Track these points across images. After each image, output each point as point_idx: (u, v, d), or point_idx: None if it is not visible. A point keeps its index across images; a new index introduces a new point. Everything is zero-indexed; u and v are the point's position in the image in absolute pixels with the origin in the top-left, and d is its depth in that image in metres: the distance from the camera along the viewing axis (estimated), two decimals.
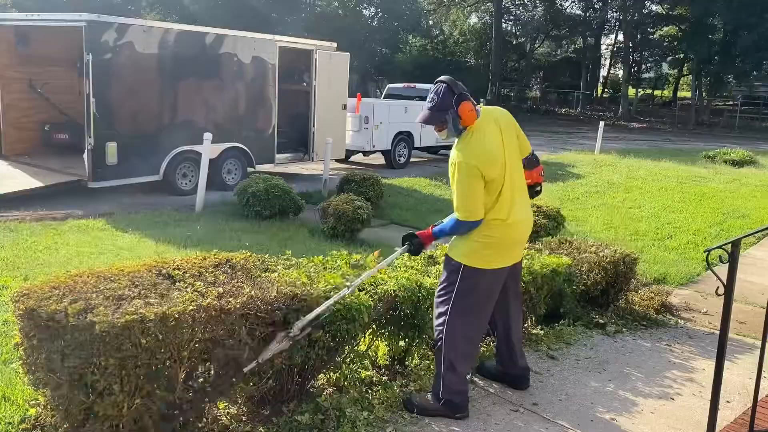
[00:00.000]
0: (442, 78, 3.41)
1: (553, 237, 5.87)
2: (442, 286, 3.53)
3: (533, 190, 3.73)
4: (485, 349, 4.32)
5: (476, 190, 3.29)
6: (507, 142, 3.44)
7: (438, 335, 3.50)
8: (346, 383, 3.70)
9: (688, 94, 46.91)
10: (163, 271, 3.23)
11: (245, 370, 3.02)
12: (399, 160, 14.91)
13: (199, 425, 3.10)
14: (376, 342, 4.00)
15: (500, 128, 3.43)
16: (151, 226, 7.72)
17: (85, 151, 9.05)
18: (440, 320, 3.49)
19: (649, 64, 49.41)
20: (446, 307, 3.46)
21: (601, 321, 5.09)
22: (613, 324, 5.09)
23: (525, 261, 4.50)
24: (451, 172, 3.35)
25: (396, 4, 34.75)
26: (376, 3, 35.71)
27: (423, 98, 16.24)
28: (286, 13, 30.92)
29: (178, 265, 3.32)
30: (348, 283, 3.39)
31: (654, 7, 40.28)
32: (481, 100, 19.60)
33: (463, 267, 3.42)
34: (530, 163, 3.68)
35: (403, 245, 3.62)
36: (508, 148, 3.43)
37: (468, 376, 3.65)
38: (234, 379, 3.04)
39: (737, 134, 32.45)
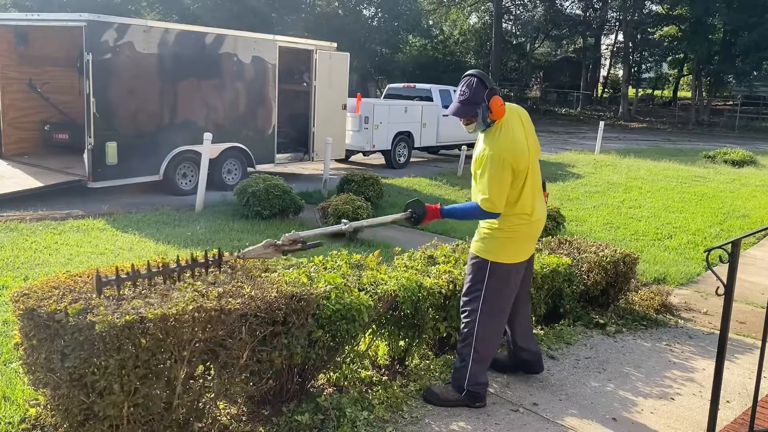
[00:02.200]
0: (473, 72, 3.49)
1: (553, 237, 5.86)
2: (469, 282, 3.63)
3: None
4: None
5: (504, 182, 3.37)
6: (530, 139, 3.53)
7: (467, 330, 3.60)
8: (346, 383, 3.70)
9: (688, 94, 46.90)
10: None
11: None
12: (399, 160, 14.92)
13: (199, 425, 3.10)
14: (376, 342, 4.01)
15: (524, 125, 3.54)
16: (151, 226, 7.72)
17: (85, 151, 9.05)
18: (471, 316, 3.59)
19: (649, 64, 49.41)
20: (476, 303, 3.57)
21: (601, 321, 5.09)
22: (613, 324, 5.09)
23: None
24: (480, 165, 3.41)
25: (396, 4, 34.74)
26: (376, 3, 35.69)
27: (423, 98, 16.45)
28: (286, 13, 30.92)
29: None
30: (344, 221, 3.60)
31: (654, 7, 40.29)
32: None
33: (490, 263, 3.53)
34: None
35: (405, 211, 3.71)
36: (530, 145, 3.52)
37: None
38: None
39: (737, 134, 32.46)
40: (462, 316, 3.67)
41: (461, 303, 3.69)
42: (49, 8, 23.27)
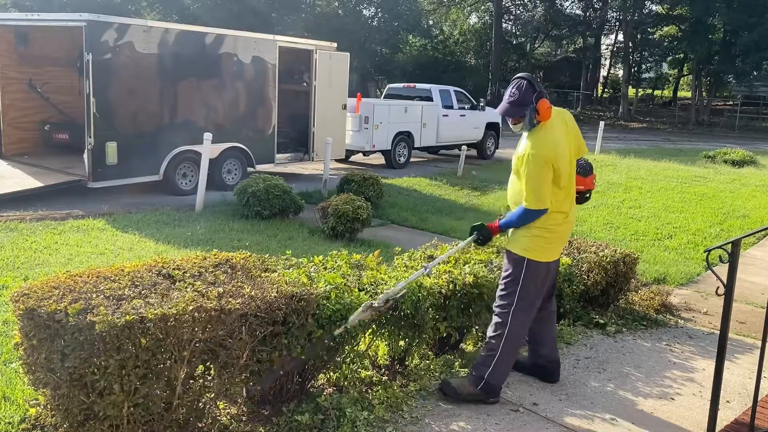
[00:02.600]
0: (523, 75, 3.62)
1: None
2: (506, 279, 3.73)
3: (583, 197, 3.99)
4: None
5: (547, 180, 3.51)
6: (571, 143, 3.68)
7: (501, 322, 3.70)
8: (346, 383, 3.70)
9: (688, 94, 46.90)
10: (163, 271, 3.23)
11: (336, 332, 3.27)
12: (399, 160, 14.92)
13: (199, 425, 3.10)
14: (376, 342, 4.00)
15: (567, 128, 3.69)
16: (151, 226, 7.72)
17: (85, 151, 9.05)
18: (504, 311, 3.69)
19: (649, 64, 49.40)
20: (512, 298, 3.67)
21: (601, 321, 5.09)
22: (613, 324, 5.09)
23: None
24: (523, 163, 3.54)
25: (396, 4, 34.74)
26: (376, 3, 35.70)
27: (423, 98, 16.44)
28: (286, 13, 30.93)
29: (178, 265, 3.32)
30: (425, 264, 3.70)
31: (654, 7, 40.28)
32: (482, 99, 19.57)
33: (527, 261, 3.64)
34: (584, 170, 3.95)
35: (471, 235, 3.85)
36: (571, 148, 3.67)
37: None
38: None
39: (737, 134, 32.47)
40: (496, 310, 3.76)
41: (497, 297, 3.78)
42: (49, 8, 23.28)
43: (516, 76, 3.63)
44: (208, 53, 10.32)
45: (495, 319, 3.76)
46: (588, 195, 4.03)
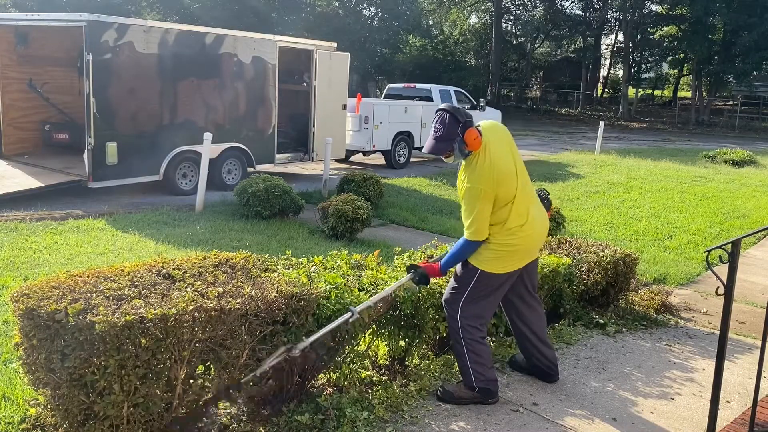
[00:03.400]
0: (444, 106, 3.51)
1: (553, 237, 5.86)
2: (454, 285, 3.65)
3: None
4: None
5: (484, 212, 3.42)
6: (516, 156, 3.58)
7: (454, 332, 3.64)
8: (346, 383, 3.70)
9: (688, 94, 46.89)
10: (163, 271, 3.23)
11: (243, 380, 3.06)
12: (399, 160, 14.92)
13: (199, 425, 3.10)
14: (376, 342, 4.01)
15: (507, 145, 3.56)
16: (151, 226, 7.72)
17: (85, 151, 9.05)
18: (452, 321, 3.64)
19: (649, 64, 49.39)
20: (458, 305, 3.60)
21: (601, 321, 5.09)
22: (613, 324, 5.09)
23: None
24: (461, 196, 3.50)
25: (396, 4, 34.74)
26: (376, 3, 35.69)
27: (423, 98, 16.45)
28: (286, 13, 30.92)
29: (178, 265, 3.32)
30: (351, 308, 3.37)
31: (654, 7, 40.27)
32: (482, 99, 19.59)
33: (480, 272, 3.56)
34: (544, 205, 3.87)
35: (408, 273, 3.71)
36: (517, 161, 3.57)
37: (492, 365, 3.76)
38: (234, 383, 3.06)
39: (737, 134, 32.47)
40: (447, 315, 3.69)
41: (444, 295, 3.71)
42: (49, 8, 23.27)
43: (438, 109, 3.51)
44: (208, 53, 10.33)
45: (449, 326, 3.69)
46: None
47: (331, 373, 3.67)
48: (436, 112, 3.50)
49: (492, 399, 3.69)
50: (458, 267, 3.66)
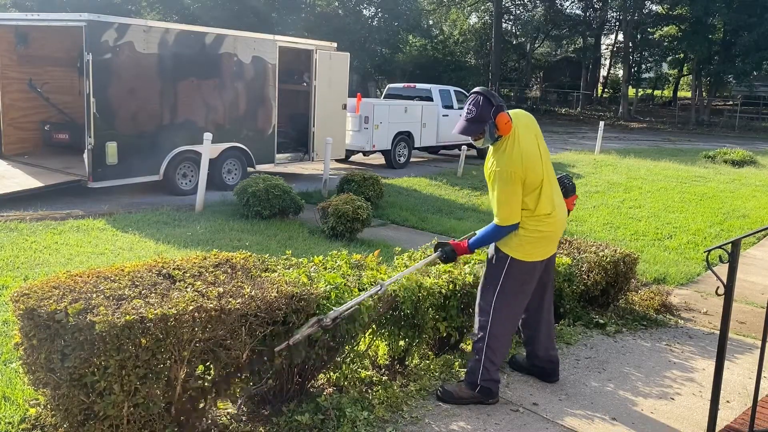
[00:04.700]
0: (479, 89, 3.55)
1: None
2: (487, 276, 3.68)
3: None
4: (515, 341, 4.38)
5: (515, 196, 3.46)
6: (541, 144, 3.62)
7: (481, 325, 3.66)
8: (346, 383, 3.70)
9: (688, 94, 46.88)
10: (163, 271, 3.23)
11: (276, 350, 3.11)
12: (399, 160, 14.92)
13: (199, 425, 3.10)
14: (376, 342, 4.01)
15: (533, 132, 3.61)
16: (151, 226, 7.72)
17: (85, 151, 9.05)
18: (484, 311, 3.65)
19: (649, 64, 49.36)
20: (491, 298, 3.63)
21: (601, 321, 5.09)
22: (613, 324, 5.09)
23: None
24: (490, 180, 3.53)
25: (396, 4, 34.74)
26: (376, 3, 35.69)
27: (423, 98, 16.44)
28: (286, 13, 30.91)
29: (178, 265, 3.32)
30: (380, 281, 3.51)
31: (654, 7, 40.27)
32: None
33: (510, 259, 3.59)
34: (566, 190, 3.90)
35: (435, 252, 3.77)
36: (542, 150, 3.61)
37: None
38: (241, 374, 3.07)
39: (737, 134, 32.47)
40: (477, 310, 3.72)
41: (477, 294, 3.74)
42: (49, 8, 23.27)
43: (472, 92, 3.56)
44: (208, 53, 10.32)
45: (476, 321, 3.72)
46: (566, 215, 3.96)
47: (331, 373, 3.67)
48: (470, 95, 3.55)
49: (492, 399, 3.70)
50: (487, 259, 3.71)
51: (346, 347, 3.57)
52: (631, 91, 45.37)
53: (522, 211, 3.52)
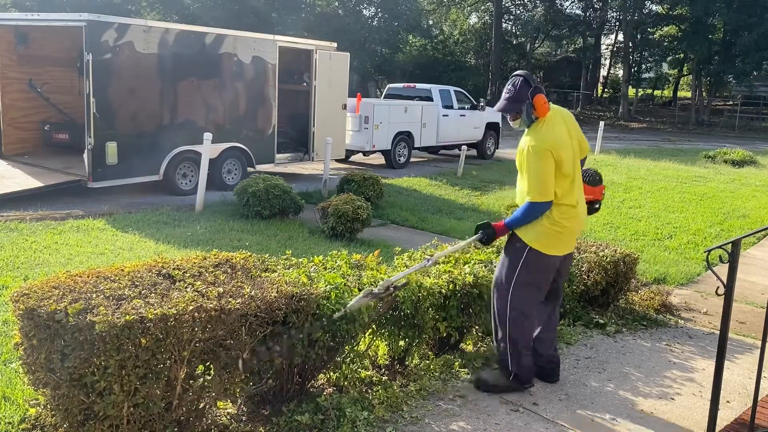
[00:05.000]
0: (519, 72, 3.72)
1: None
2: (504, 266, 3.76)
3: (592, 207, 4.05)
4: None
5: (548, 172, 3.55)
6: (573, 140, 3.73)
7: (499, 314, 3.75)
8: (346, 383, 3.70)
9: (688, 94, 46.88)
10: (163, 271, 3.23)
11: (335, 316, 3.25)
12: (399, 160, 14.92)
13: (199, 425, 3.10)
14: (376, 342, 4.01)
15: (567, 126, 3.73)
16: (151, 226, 7.72)
17: (85, 151, 9.05)
18: (502, 301, 3.74)
19: (649, 64, 49.35)
20: (509, 288, 3.71)
21: (601, 321, 5.09)
22: (613, 324, 5.09)
23: None
24: (523, 157, 3.61)
25: (396, 4, 34.75)
26: (376, 3, 35.70)
27: (423, 98, 16.45)
28: (286, 13, 30.93)
29: (178, 265, 3.32)
30: (427, 255, 3.72)
31: (654, 7, 40.27)
32: (482, 99, 19.59)
33: (528, 249, 3.66)
34: (593, 180, 4.01)
35: (476, 233, 3.86)
36: (573, 144, 3.73)
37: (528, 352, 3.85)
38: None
39: (737, 134, 32.48)
40: (494, 299, 3.78)
41: (492, 285, 3.80)
42: (49, 8, 23.28)
43: (513, 74, 3.70)
44: (208, 53, 10.32)
45: (495, 312, 3.79)
46: (597, 206, 4.09)
47: (331, 373, 3.67)
48: (511, 77, 3.69)
49: (527, 386, 3.80)
50: (506, 247, 3.78)
51: (346, 347, 3.57)
52: (631, 91, 45.37)
53: None
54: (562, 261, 3.82)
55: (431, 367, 4.05)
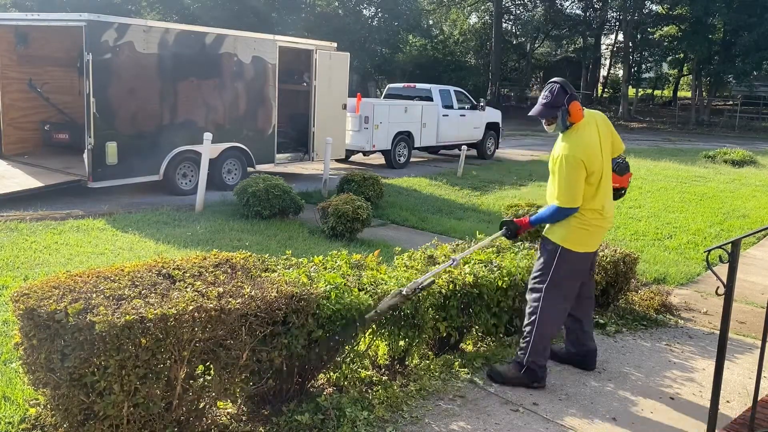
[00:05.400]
0: (556, 79, 3.87)
1: None
2: (539, 266, 3.93)
3: (618, 193, 4.19)
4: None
5: (578, 180, 3.73)
6: (603, 144, 3.87)
7: (532, 309, 3.91)
8: (346, 383, 3.70)
9: (688, 94, 46.86)
10: (163, 271, 3.23)
11: (367, 316, 3.42)
12: (399, 160, 14.92)
13: (199, 425, 3.10)
14: (376, 342, 4.00)
15: (599, 131, 3.87)
16: (151, 226, 7.72)
17: (85, 151, 9.05)
18: (535, 296, 3.90)
19: (649, 64, 49.32)
20: (543, 285, 3.88)
21: (601, 321, 5.09)
22: (613, 324, 5.09)
23: (524, 260, 4.52)
24: (557, 163, 3.78)
25: (396, 4, 34.72)
26: (376, 3, 35.68)
27: (423, 98, 16.45)
28: (286, 13, 30.91)
29: (178, 265, 3.32)
30: (453, 257, 3.95)
31: (654, 7, 40.25)
32: (482, 99, 19.60)
33: (561, 249, 3.84)
34: (621, 168, 4.14)
35: (500, 230, 4.05)
36: (604, 148, 3.87)
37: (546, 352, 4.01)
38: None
39: (737, 134, 32.47)
40: (529, 296, 3.94)
41: (529, 283, 3.98)
42: (49, 8, 23.27)
43: (550, 81, 3.85)
44: (208, 53, 10.32)
45: (527, 307, 3.93)
46: (623, 192, 4.23)
47: (331, 373, 3.67)
48: (548, 84, 3.85)
49: (537, 383, 3.91)
50: (540, 248, 3.95)
51: (346, 347, 3.57)
52: (631, 91, 45.36)
53: None
54: (592, 256, 4.00)
55: (431, 367, 4.06)
